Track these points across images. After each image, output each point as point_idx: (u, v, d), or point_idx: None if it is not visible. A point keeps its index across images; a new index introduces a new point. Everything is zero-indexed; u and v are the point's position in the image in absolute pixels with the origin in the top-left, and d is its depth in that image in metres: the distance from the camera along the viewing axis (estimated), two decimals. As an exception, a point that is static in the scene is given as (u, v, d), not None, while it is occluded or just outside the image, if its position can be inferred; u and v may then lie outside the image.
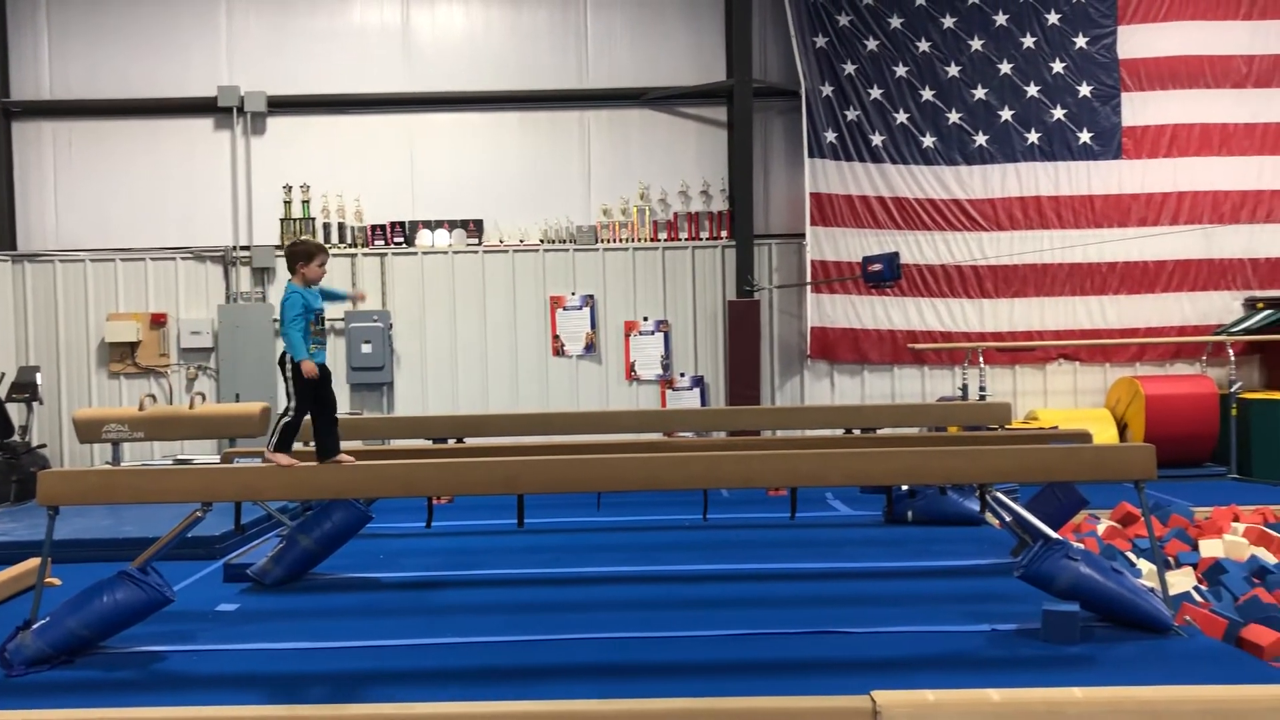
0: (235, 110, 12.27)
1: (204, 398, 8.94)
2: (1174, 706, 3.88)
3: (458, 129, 12.48)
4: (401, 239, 12.36)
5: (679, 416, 10.75)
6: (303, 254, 5.69)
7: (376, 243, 12.35)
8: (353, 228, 12.37)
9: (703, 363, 12.45)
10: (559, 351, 12.34)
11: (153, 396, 8.87)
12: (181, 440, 10.72)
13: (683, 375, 12.36)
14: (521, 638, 5.52)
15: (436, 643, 5.48)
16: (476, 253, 12.35)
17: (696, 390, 12.34)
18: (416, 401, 12.28)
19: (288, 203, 12.30)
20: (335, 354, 12.25)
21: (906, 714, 3.97)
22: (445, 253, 12.35)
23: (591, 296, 12.33)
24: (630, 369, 12.35)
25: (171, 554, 6.18)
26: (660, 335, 12.36)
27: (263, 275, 12.31)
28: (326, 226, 12.35)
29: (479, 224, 12.38)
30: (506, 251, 12.36)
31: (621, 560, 7.36)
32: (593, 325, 12.33)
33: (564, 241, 12.38)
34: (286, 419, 5.69)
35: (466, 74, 12.41)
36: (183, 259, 12.37)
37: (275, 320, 12.15)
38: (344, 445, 6.05)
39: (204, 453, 11.65)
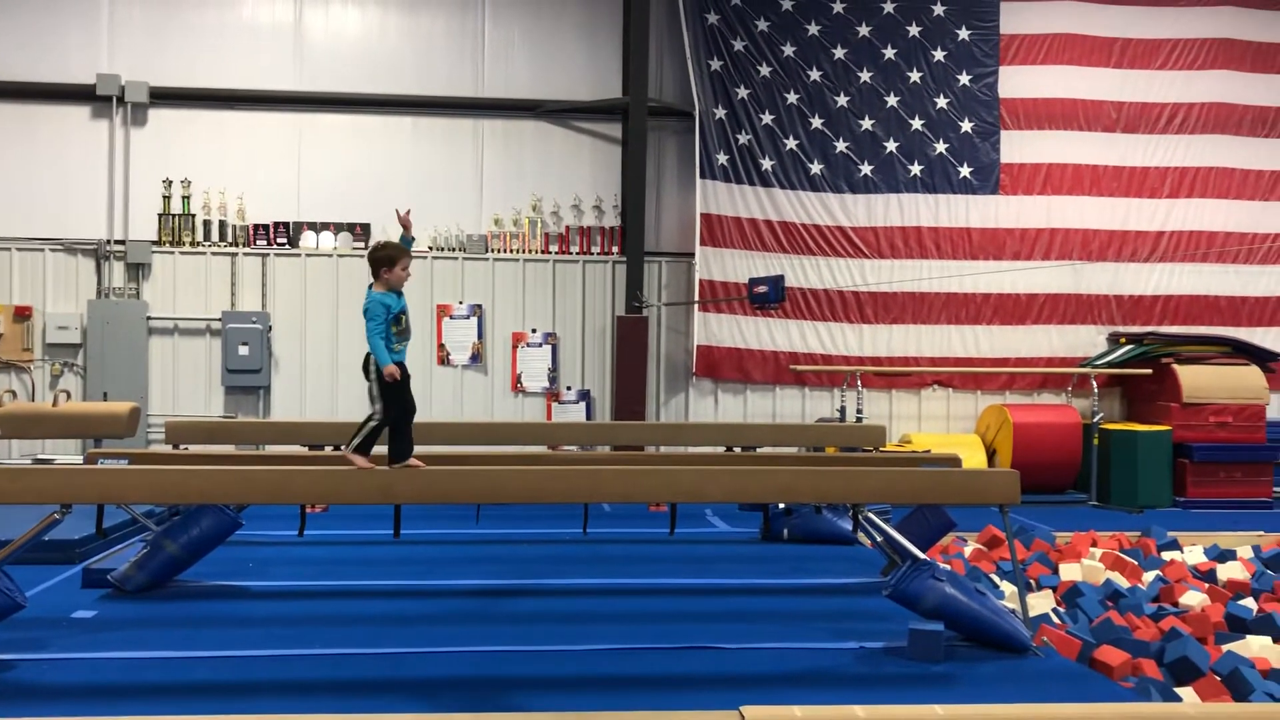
0: (115, 100, 11.84)
1: (69, 395, 8.59)
2: (1027, 723, 4.02)
3: (348, 131, 12.27)
4: (285, 240, 12.09)
5: (564, 430, 10.74)
6: (385, 260, 5.59)
7: (259, 242, 12.05)
8: (234, 226, 12.05)
9: (590, 377, 12.47)
10: (444, 361, 12.22)
11: (13, 392, 8.50)
12: (43, 439, 10.29)
13: (569, 389, 12.36)
14: (392, 650, 5.44)
15: (303, 654, 5.36)
16: (362, 256, 12.11)
17: (582, 404, 12.34)
18: (294, 407, 12.00)
19: (167, 198, 11.92)
20: (210, 356, 11.92)
21: (773, 729, 4.03)
22: (330, 255, 12.12)
23: (479, 306, 12.25)
24: (516, 381, 12.29)
25: (26, 558, 5.93)
26: (548, 348, 12.33)
27: (138, 271, 11.90)
28: (207, 224, 12.01)
29: (366, 228, 12.19)
30: (394, 257, 12.16)
31: (498, 574, 7.30)
32: (480, 335, 12.24)
33: (453, 250, 12.28)
34: (373, 422, 5.56)
35: (359, 76, 12.22)
36: (52, 251, 11.87)
37: (201, 321, 11.79)
38: (214, 449, 5.89)
39: (67, 453, 11.18)
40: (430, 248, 12.24)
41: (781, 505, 8.67)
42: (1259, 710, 4.29)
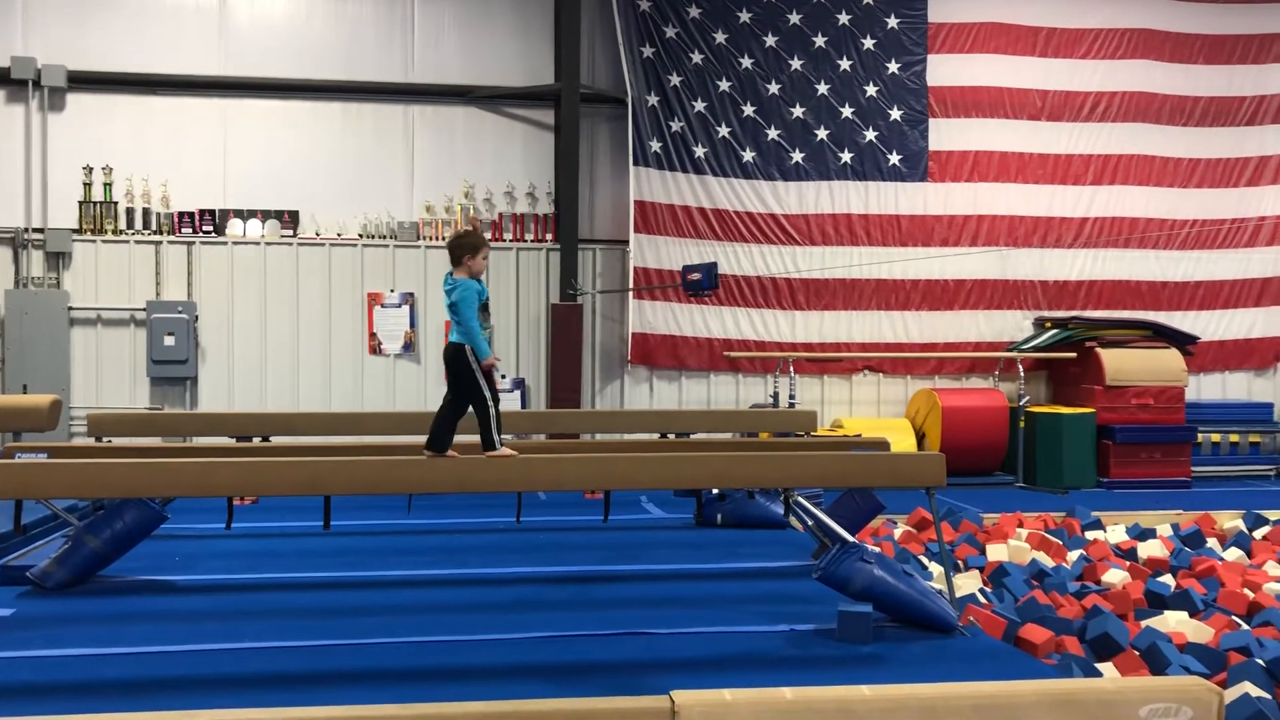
0: (31, 84, 11.51)
1: (-16, 388, 8.36)
2: (950, 702, 4.10)
3: (276, 117, 12.06)
4: (211, 228, 11.86)
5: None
6: (470, 247, 5.60)
7: (184, 230, 11.81)
8: (159, 214, 11.79)
9: (524, 365, 12.42)
10: (376, 350, 12.09)
11: (-75, 386, 8.24)
12: (-42, 434, 9.98)
13: (504, 377, 12.30)
14: (322, 643, 5.39)
15: (230, 648, 5.29)
16: (291, 245, 11.97)
17: (517, 392, 12.29)
18: (222, 398, 11.79)
19: (88, 185, 11.62)
20: (135, 346, 11.67)
21: (703, 713, 4.06)
22: (257, 244, 11.92)
23: (411, 294, 12.13)
24: (449, 369, 12.18)
25: (-61, 556, 5.76)
26: (481, 336, 12.24)
27: (58, 260, 11.60)
28: (130, 211, 11.74)
29: (295, 215, 12.01)
30: (323, 245, 12.02)
31: (431, 564, 7.26)
32: (412, 324, 12.13)
33: (384, 237, 12.14)
34: (491, 411, 5.55)
35: (287, 61, 12.01)
36: (-34, 239, 11.54)
37: (125, 311, 11.50)
38: (139, 442, 5.78)
39: (-16, 447, 10.87)
40: (360, 235, 12.09)
41: (715, 491, 8.72)
42: (1169, 684, 4.42)
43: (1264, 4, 13.29)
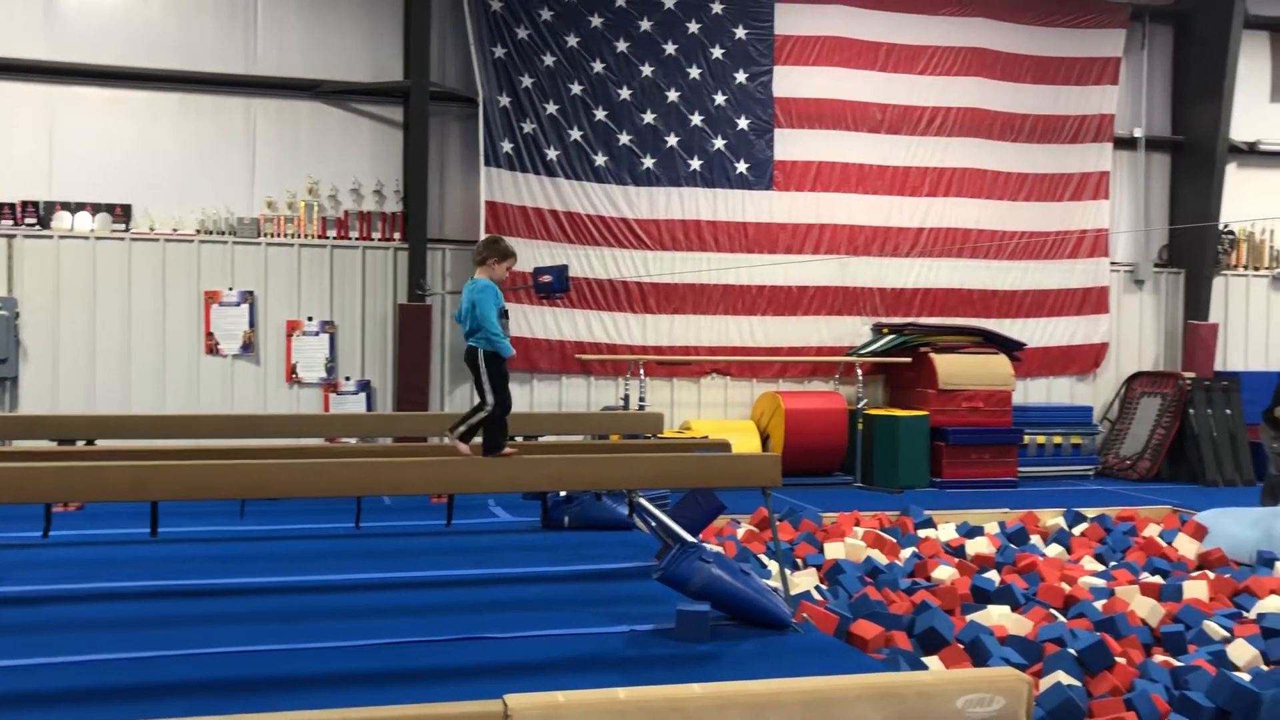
0: None
1: None
2: (778, 698, 4.21)
3: (108, 106, 11.53)
4: (35, 220, 11.26)
5: (342, 421, 10.51)
6: (500, 252, 5.81)
7: (5, 223, 11.17)
8: (-24, 204, 11.15)
9: (370, 367, 12.19)
10: (213, 350, 11.67)
11: None
12: None
13: (348, 379, 12.05)
14: (147, 654, 5.16)
15: (46, 662, 5.02)
16: (123, 240, 11.46)
17: (363, 395, 12.06)
18: (46, 399, 11.20)
19: (-105, 171, 10.90)
20: (-52, 344, 10.98)
21: (537, 715, 4.06)
22: (87, 238, 11.37)
23: (251, 293, 11.76)
24: (291, 371, 11.88)
25: None
26: (325, 336, 11.98)
27: None
28: (-57, 201, 11.06)
29: (127, 209, 11.50)
30: (158, 240, 11.55)
31: (264, 571, 7.04)
32: (251, 323, 11.76)
33: (223, 233, 11.74)
34: (484, 413, 5.59)
35: (120, 48, 11.49)
36: None
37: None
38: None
39: None
40: (198, 231, 11.67)
41: (563, 493, 8.73)
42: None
43: (1086, 29, 14.08)
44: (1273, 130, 14.90)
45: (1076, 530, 10.03)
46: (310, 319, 11.94)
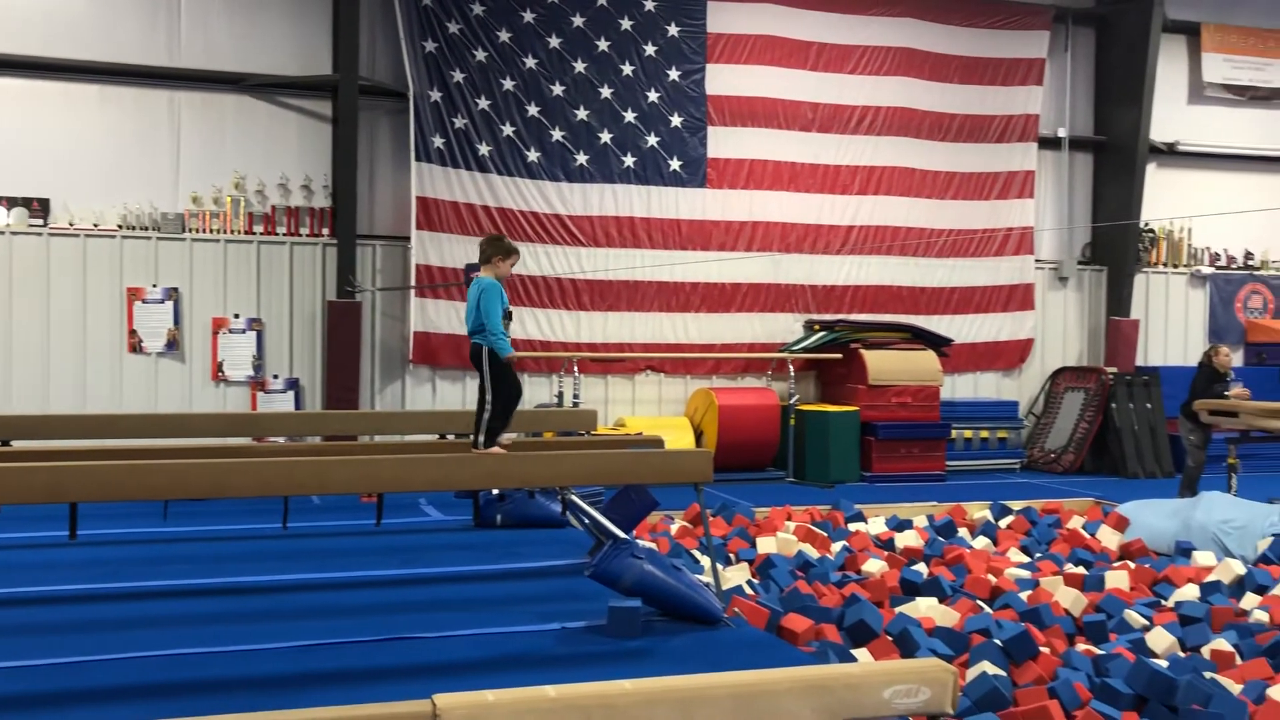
0: None
1: None
2: (708, 692, 4.20)
3: (22, 97, 11.20)
4: (-53, 215, 10.92)
5: (269, 420, 10.33)
6: (503, 249, 5.95)
7: (-85, 217, 10.83)
8: (-116, 198, 10.77)
9: (299, 365, 12.00)
10: (136, 348, 11.41)
11: None
12: None
13: (276, 377, 11.85)
14: (65, 660, 5.03)
15: (-45, 670, 4.87)
16: (41, 235, 11.15)
17: (291, 393, 11.87)
18: (-40, 399, 10.88)
19: None
20: None
21: (465, 715, 4.01)
22: (2, 233, 11.04)
23: (176, 289, 11.52)
24: (218, 369, 11.66)
25: None
26: (253, 334, 11.77)
27: None
28: None
29: (45, 203, 11.20)
30: (78, 236, 11.26)
31: (187, 574, 6.90)
32: (176, 321, 11.51)
33: (146, 229, 11.47)
34: (488, 412, 5.68)
35: (36, 37, 11.17)
36: None
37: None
38: None
39: None
40: (120, 226, 11.40)
41: (495, 491, 8.67)
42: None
43: (1012, 30, 14.32)
44: (1191, 131, 15.30)
45: (1003, 523, 10.22)
46: (237, 316, 11.73)
